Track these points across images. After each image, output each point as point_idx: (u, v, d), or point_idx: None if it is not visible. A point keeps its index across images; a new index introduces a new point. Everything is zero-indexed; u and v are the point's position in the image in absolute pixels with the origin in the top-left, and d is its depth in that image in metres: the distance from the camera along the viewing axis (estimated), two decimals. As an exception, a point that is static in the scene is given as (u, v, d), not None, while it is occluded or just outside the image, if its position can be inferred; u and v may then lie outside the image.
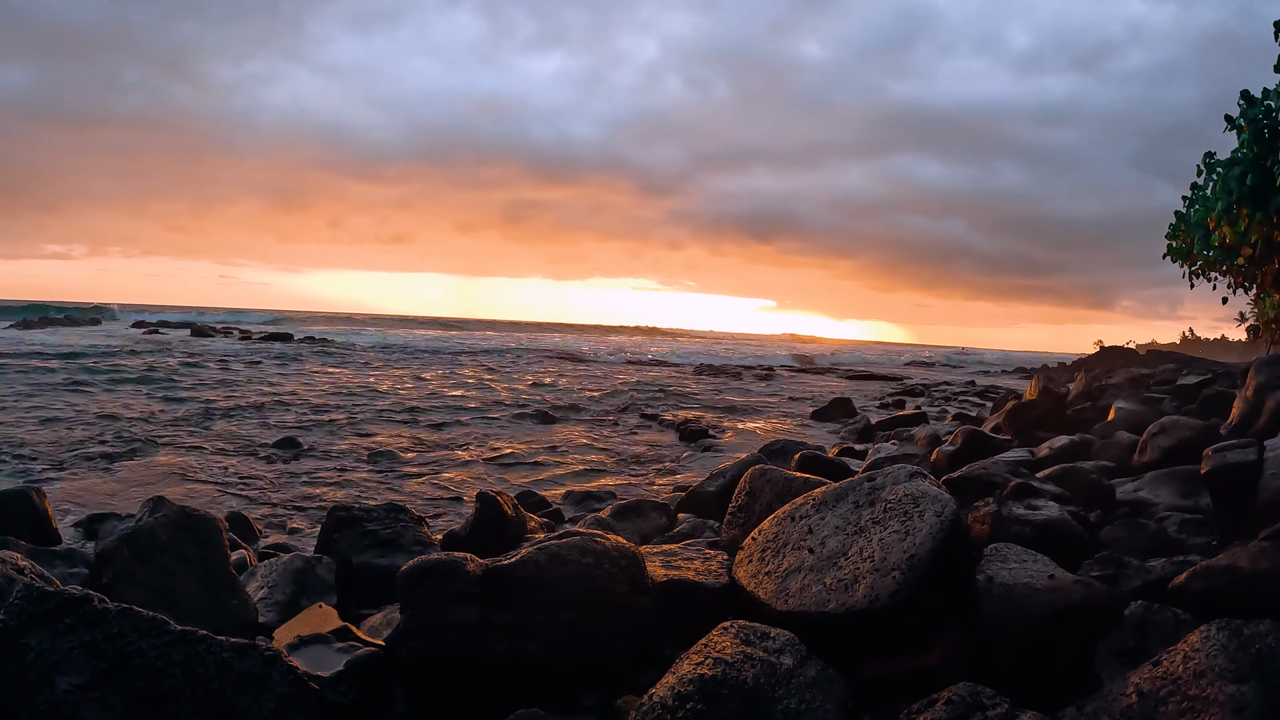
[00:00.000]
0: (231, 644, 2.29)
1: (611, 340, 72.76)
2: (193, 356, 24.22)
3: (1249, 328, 19.76)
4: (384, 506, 4.71)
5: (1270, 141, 11.55)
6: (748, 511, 3.95)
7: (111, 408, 13.27)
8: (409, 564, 2.86)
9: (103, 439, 10.47)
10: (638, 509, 5.84)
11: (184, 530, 3.65)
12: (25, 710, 1.98)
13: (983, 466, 4.90)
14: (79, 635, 2.11)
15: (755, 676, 2.29)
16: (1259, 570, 2.60)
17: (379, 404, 15.69)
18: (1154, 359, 18.82)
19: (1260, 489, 3.54)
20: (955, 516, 2.76)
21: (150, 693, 2.11)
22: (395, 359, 29.70)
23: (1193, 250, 15.39)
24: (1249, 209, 11.98)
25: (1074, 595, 2.57)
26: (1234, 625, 2.07)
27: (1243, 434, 5.10)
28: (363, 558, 4.20)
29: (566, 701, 2.67)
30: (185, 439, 10.90)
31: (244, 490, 8.40)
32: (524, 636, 2.71)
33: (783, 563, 2.90)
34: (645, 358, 40.04)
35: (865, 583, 2.61)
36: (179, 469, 9.20)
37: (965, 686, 2.17)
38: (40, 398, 14.01)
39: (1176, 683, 2.00)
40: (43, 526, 4.93)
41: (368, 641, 2.91)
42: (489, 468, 10.35)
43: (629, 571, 2.91)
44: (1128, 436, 6.04)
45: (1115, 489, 4.60)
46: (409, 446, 11.37)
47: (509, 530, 4.70)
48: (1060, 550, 3.22)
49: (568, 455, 11.48)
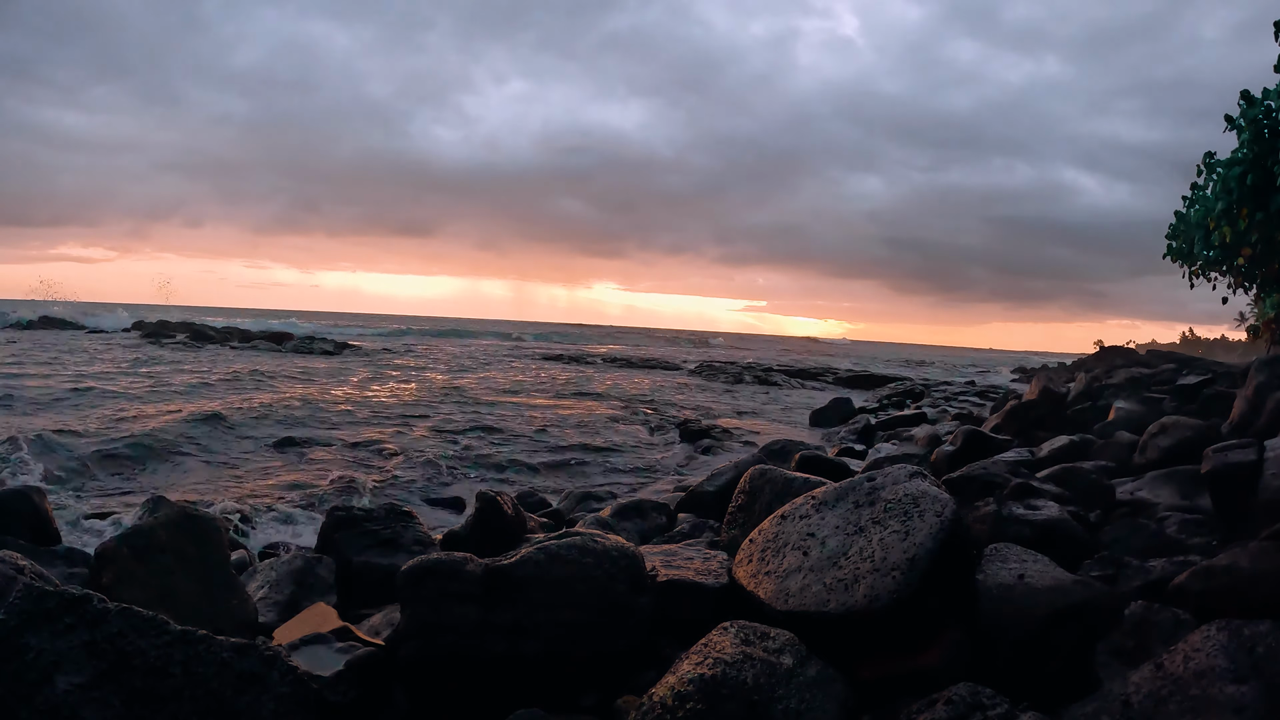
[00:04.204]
0: (231, 644, 2.29)
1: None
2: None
3: (1249, 328, 19.74)
4: (384, 506, 4.72)
5: (1270, 141, 11.56)
6: (748, 511, 3.95)
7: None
8: (409, 564, 2.86)
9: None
10: (638, 509, 5.84)
11: (184, 530, 3.65)
12: (25, 710, 1.98)
13: (983, 466, 4.90)
14: (79, 635, 2.11)
15: (755, 676, 2.29)
16: (1259, 570, 2.60)
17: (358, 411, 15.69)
18: (1154, 359, 18.80)
19: (1260, 489, 3.53)
20: (955, 516, 2.76)
21: (150, 692, 2.11)
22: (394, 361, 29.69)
23: (1192, 250, 15.39)
24: (1249, 209, 11.98)
25: (1074, 595, 2.57)
26: (1234, 625, 2.07)
27: (1243, 434, 5.09)
28: (363, 557, 4.20)
29: (566, 701, 2.67)
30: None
31: (244, 490, 8.40)
32: (524, 636, 2.71)
33: (783, 562, 2.90)
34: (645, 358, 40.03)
35: (865, 583, 2.61)
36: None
37: (965, 686, 2.17)
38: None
39: (1176, 683, 2.00)
40: (43, 526, 4.92)
41: (368, 641, 2.91)
42: (489, 468, 10.36)
43: (629, 571, 2.91)
44: (1128, 436, 6.04)
45: (1115, 489, 4.60)
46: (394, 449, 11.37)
47: (509, 530, 4.71)
48: (1060, 550, 3.21)
49: (566, 454, 11.48)
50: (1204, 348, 63.77)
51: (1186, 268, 16.14)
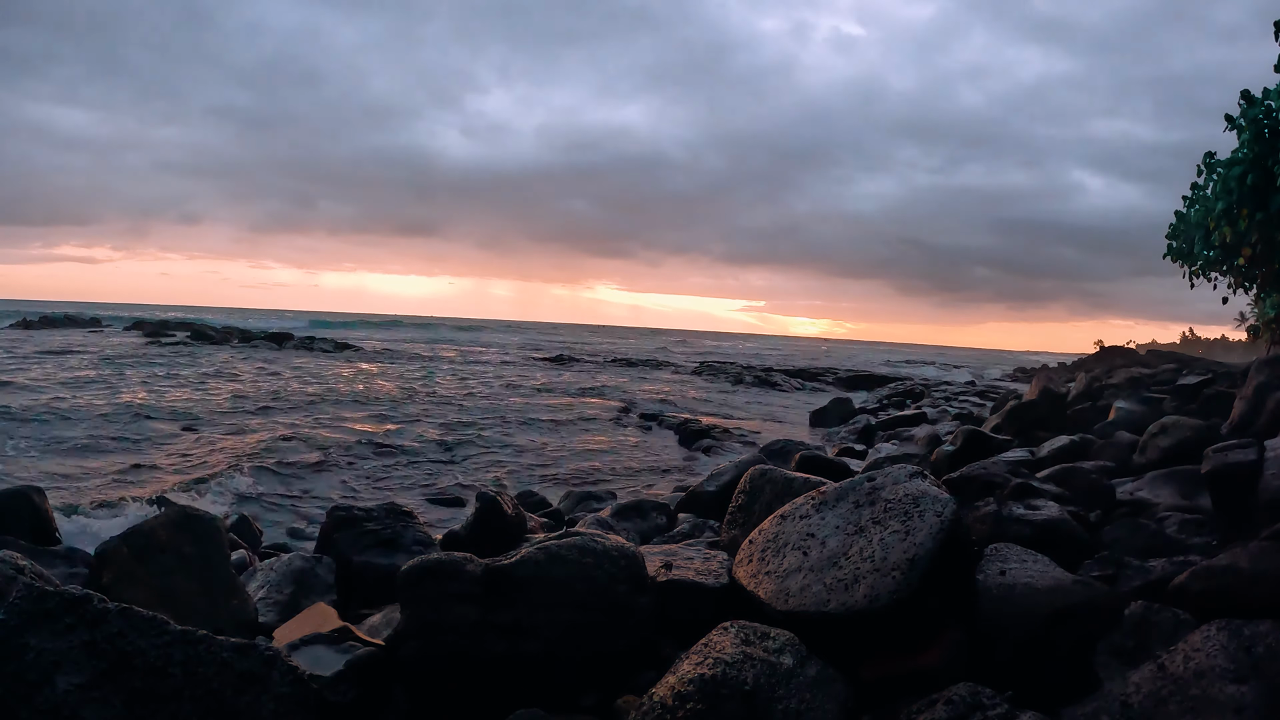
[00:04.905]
0: (231, 644, 2.28)
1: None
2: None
3: (1249, 328, 19.74)
4: (384, 506, 4.71)
5: (1270, 141, 11.55)
6: (748, 511, 3.95)
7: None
8: (409, 564, 2.86)
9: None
10: (638, 509, 5.84)
11: (184, 530, 3.65)
12: (25, 710, 1.98)
13: (983, 466, 4.89)
14: (79, 635, 2.11)
15: (755, 676, 2.29)
16: (1259, 570, 2.60)
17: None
18: (1154, 359, 18.78)
19: (1260, 489, 3.53)
20: (955, 516, 2.76)
21: (150, 692, 2.11)
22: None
23: (1192, 250, 15.38)
24: (1249, 209, 11.97)
25: (1074, 595, 2.57)
26: (1234, 625, 2.07)
27: (1243, 434, 5.09)
28: (363, 557, 4.20)
29: (566, 701, 2.67)
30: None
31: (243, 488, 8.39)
32: (524, 636, 2.71)
33: (783, 562, 2.90)
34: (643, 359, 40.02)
35: (865, 583, 2.61)
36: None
37: (965, 686, 2.17)
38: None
39: (1177, 683, 2.00)
40: (43, 526, 4.92)
41: (368, 641, 2.91)
42: (488, 468, 10.35)
43: (629, 571, 2.91)
44: (1128, 436, 6.04)
45: (1115, 489, 4.59)
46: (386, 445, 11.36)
47: (509, 530, 4.71)
48: (1060, 550, 3.21)
49: (567, 455, 11.48)
50: (1204, 348, 63.73)
51: (1186, 268, 16.13)
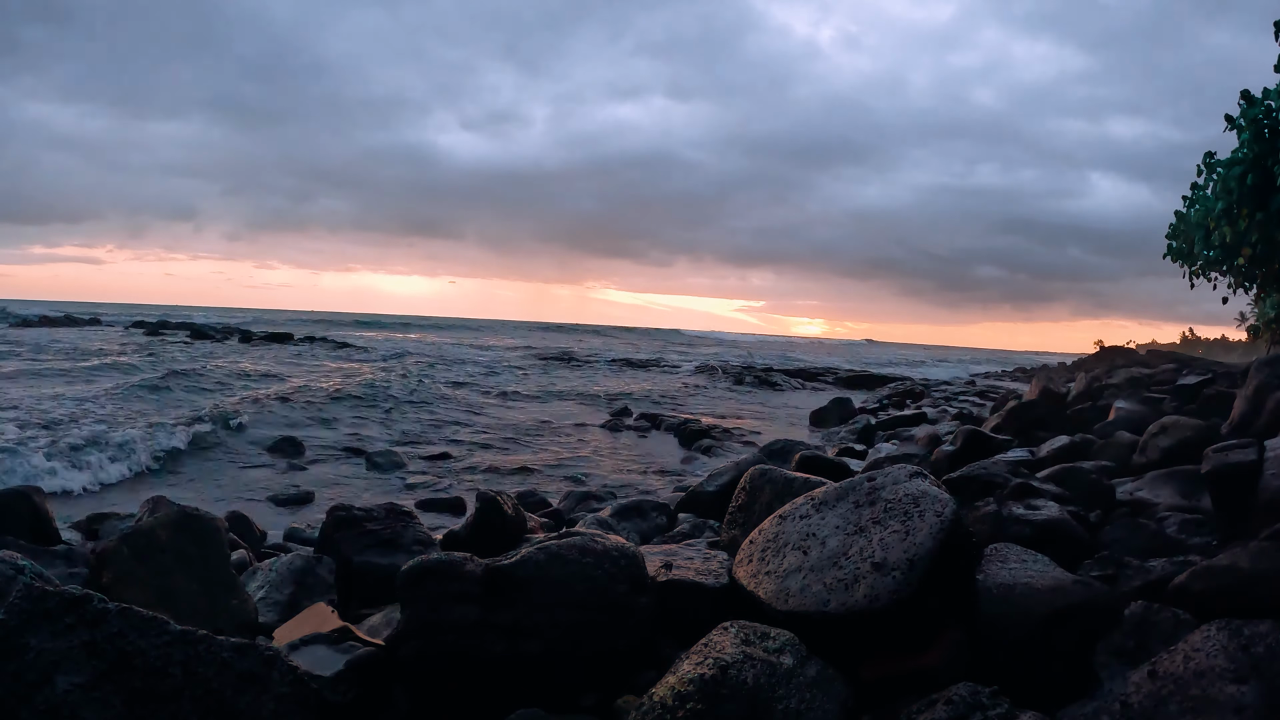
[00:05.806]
0: (231, 644, 2.29)
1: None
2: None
3: (1249, 328, 19.75)
4: (384, 506, 4.71)
5: (1270, 141, 11.55)
6: (748, 511, 3.95)
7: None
8: (409, 564, 2.86)
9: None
10: (638, 509, 5.84)
11: (184, 530, 3.65)
12: (25, 710, 1.98)
13: (983, 466, 4.89)
14: (79, 635, 2.11)
15: (755, 676, 2.29)
16: (1259, 570, 2.60)
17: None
18: (1154, 359, 18.78)
19: (1260, 489, 3.53)
20: (955, 516, 2.76)
21: (150, 692, 2.11)
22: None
23: (1193, 250, 15.38)
24: (1249, 209, 11.97)
25: (1074, 595, 2.57)
26: (1234, 625, 2.07)
27: (1243, 434, 5.09)
28: (363, 557, 4.20)
29: (566, 701, 2.67)
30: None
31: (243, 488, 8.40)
32: (524, 636, 2.71)
33: (783, 562, 2.90)
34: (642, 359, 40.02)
35: (865, 583, 2.61)
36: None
37: (965, 686, 2.17)
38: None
39: (1177, 683, 2.00)
40: (43, 526, 4.92)
41: (368, 641, 2.91)
42: (488, 468, 10.35)
43: (629, 571, 2.91)
44: (1128, 436, 6.03)
45: (1115, 489, 4.59)
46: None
47: (509, 530, 4.70)
48: (1060, 550, 3.21)
49: (567, 455, 11.48)
50: (1204, 348, 63.74)
51: (1187, 268, 16.14)
